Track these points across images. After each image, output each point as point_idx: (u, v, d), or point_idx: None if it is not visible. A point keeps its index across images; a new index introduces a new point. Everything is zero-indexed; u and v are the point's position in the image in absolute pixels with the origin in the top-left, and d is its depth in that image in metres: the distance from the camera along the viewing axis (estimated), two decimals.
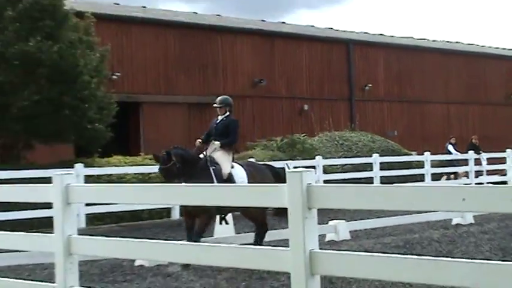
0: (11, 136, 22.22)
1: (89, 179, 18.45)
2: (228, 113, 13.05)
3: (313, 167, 22.99)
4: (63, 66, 20.90)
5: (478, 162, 30.56)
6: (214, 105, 13.29)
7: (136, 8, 37.39)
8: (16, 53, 20.30)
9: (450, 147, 32.50)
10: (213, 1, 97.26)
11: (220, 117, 13.03)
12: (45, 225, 13.60)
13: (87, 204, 17.39)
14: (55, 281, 6.63)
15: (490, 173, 30.54)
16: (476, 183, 25.80)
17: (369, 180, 24.30)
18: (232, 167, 12.52)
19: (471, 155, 30.28)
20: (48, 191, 6.96)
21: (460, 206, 5.57)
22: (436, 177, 28.10)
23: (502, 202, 4.97)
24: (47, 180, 7.22)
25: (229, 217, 13.69)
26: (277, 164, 22.32)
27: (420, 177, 26.67)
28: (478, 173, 30.13)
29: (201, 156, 12.67)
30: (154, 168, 17.30)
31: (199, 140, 13.13)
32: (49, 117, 20.90)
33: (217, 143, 12.42)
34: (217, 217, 13.47)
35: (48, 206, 7.31)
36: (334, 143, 28.63)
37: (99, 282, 10.40)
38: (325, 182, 21.76)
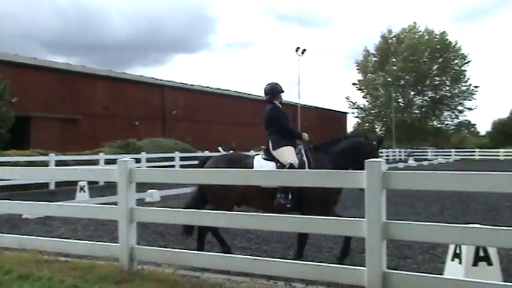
0: None
1: None
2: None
3: (140, 159, 22.75)
4: None
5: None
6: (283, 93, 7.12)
7: (30, 58, 34.84)
8: None
9: (220, 149, 33.19)
10: (82, 56, 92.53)
11: None
12: None
13: None
14: None
15: None
16: None
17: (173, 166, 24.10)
18: None
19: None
20: None
21: (244, 181, 5.48)
22: None
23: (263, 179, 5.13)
24: None
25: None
26: (119, 157, 22.11)
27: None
28: None
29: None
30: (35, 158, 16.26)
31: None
32: None
33: None
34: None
35: None
36: (153, 145, 28.22)
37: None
38: (148, 167, 21.28)
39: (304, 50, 46.56)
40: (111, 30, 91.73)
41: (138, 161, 22.33)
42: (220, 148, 33.27)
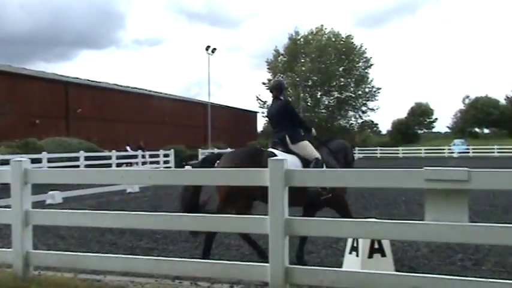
0: None
1: None
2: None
3: (41, 159, 21.60)
4: None
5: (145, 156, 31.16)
6: None
7: None
8: None
9: (128, 148, 32.44)
10: None
11: None
12: None
13: None
14: None
15: (151, 162, 31.00)
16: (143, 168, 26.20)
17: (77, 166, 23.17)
18: None
19: (140, 152, 30.70)
20: None
21: (148, 181, 5.35)
22: (119, 165, 27.66)
23: (142, 178, 5.02)
24: None
25: None
26: (15, 157, 20.75)
27: (109, 165, 26.01)
28: (144, 163, 30.53)
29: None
30: None
31: None
32: None
33: None
34: None
35: None
36: (56, 144, 26.96)
37: None
38: (50, 167, 20.20)
39: (215, 49, 46.67)
40: (10, 23, 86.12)
41: (38, 161, 21.18)
42: (128, 147, 32.53)
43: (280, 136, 6.50)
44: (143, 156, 30.81)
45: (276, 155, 6.03)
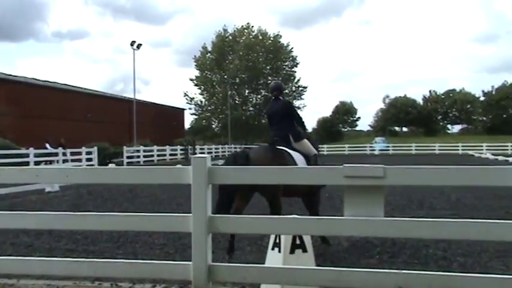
0: None
1: None
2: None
3: None
4: None
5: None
6: None
7: None
8: None
9: (48, 145, 31.07)
10: None
11: None
12: None
13: None
14: None
15: (73, 160, 29.96)
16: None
17: None
18: None
19: (60, 150, 29.60)
20: None
21: (65, 180, 5.01)
22: (37, 163, 26.44)
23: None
24: None
25: None
26: None
27: (26, 164, 24.79)
28: (65, 161, 29.46)
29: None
30: None
31: None
32: None
33: None
34: None
35: None
36: None
37: None
38: None
39: (140, 44, 45.63)
40: None
41: None
42: (47, 145, 31.11)
43: (282, 134, 6.95)
44: (64, 154, 29.68)
45: (288, 152, 6.60)
